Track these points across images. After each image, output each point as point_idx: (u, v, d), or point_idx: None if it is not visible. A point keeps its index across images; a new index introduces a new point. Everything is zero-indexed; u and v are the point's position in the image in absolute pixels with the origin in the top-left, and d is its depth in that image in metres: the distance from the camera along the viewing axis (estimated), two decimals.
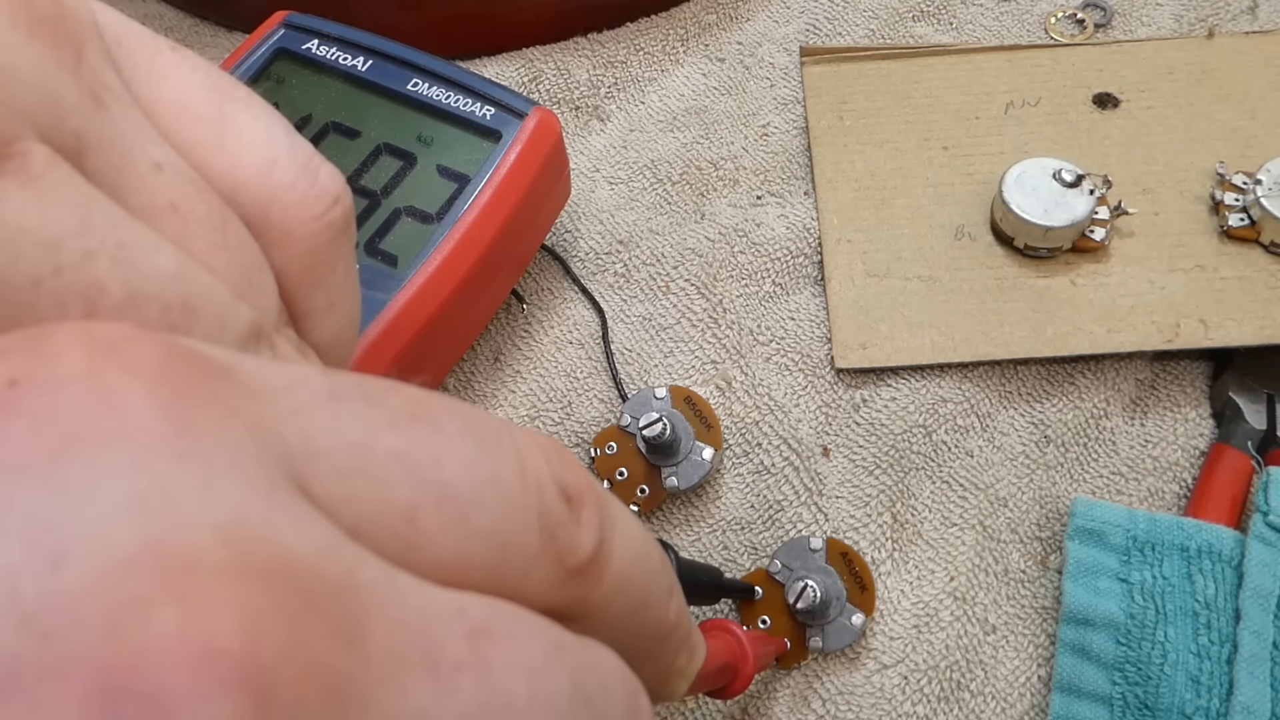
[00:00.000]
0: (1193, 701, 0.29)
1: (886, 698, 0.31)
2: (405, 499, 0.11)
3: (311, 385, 0.11)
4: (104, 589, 0.08)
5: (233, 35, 0.46)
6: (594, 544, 0.13)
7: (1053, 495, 0.34)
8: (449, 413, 0.12)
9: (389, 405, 0.11)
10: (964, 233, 0.39)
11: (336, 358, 0.17)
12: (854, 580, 0.31)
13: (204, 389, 0.10)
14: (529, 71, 0.44)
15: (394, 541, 0.11)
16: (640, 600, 0.14)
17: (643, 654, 0.15)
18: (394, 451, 0.11)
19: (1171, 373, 0.37)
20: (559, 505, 0.12)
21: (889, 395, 0.35)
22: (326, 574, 0.09)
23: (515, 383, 0.37)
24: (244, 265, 0.14)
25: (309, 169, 0.15)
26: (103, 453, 0.09)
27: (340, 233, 0.16)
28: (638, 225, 0.40)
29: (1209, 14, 0.44)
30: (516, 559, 0.12)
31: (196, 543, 0.09)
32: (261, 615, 0.08)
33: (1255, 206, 0.37)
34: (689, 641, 0.17)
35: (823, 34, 0.45)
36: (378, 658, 0.09)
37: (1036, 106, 0.42)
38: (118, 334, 0.10)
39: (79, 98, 0.13)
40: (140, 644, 0.08)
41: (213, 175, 0.15)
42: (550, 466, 0.12)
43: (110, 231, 0.12)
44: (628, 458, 0.34)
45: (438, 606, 0.10)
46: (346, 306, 0.17)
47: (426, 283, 0.32)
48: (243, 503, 0.09)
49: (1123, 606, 0.31)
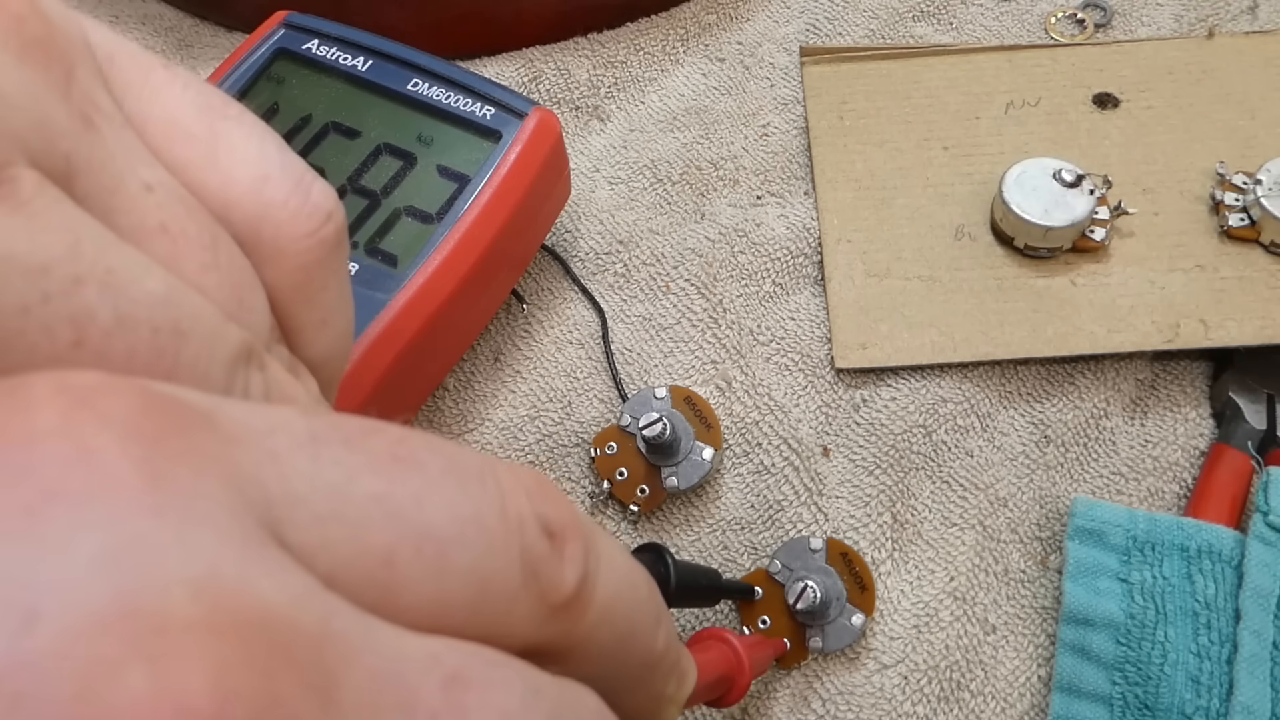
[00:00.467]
0: (1193, 701, 0.29)
1: (887, 698, 0.31)
2: (384, 543, 0.11)
3: (292, 429, 0.11)
4: (75, 649, 0.08)
5: (233, 35, 0.46)
6: (577, 579, 0.13)
7: (1053, 495, 0.34)
8: (431, 452, 0.12)
9: (370, 447, 0.11)
10: (964, 233, 0.39)
11: (330, 372, 0.17)
12: (854, 580, 0.31)
13: (180, 439, 0.10)
14: (529, 71, 0.44)
15: (371, 587, 0.11)
16: (627, 632, 0.14)
17: (631, 684, 0.15)
18: (373, 495, 0.11)
19: (1171, 373, 0.37)
20: (541, 542, 0.12)
21: (889, 395, 0.35)
22: (301, 625, 0.09)
23: (515, 383, 0.37)
24: (235, 284, 0.14)
25: (301, 185, 0.15)
26: (77, 509, 0.09)
27: (333, 249, 0.16)
28: (638, 225, 0.40)
29: (1209, 14, 0.44)
30: (498, 598, 0.12)
31: (169, 599, 0.09)
32: (233, 671, 0.08)
33: (1255, 206, 0.37)
34: (678, 667, 0.17)
35: (823, 34, 0.45)
36: (352, 708, 0.09)
37: (1036, 106, 0.42)
38: (93, 384, 0.10)
39: (69, 120, 0.13)
40: (111, 705, 0.08)
41: (205, 193, 0.14)
42: (532, 502, 0.12)
43: (99, 257, 0.12)
44: (628, 458, 0.34)
45: (413, 654, 0.10)
46: (339, 322, 0.17)
47: (426, 283, 0.32)
48: (216, 555, 0.09)
49: (1123, 606, 0.31)
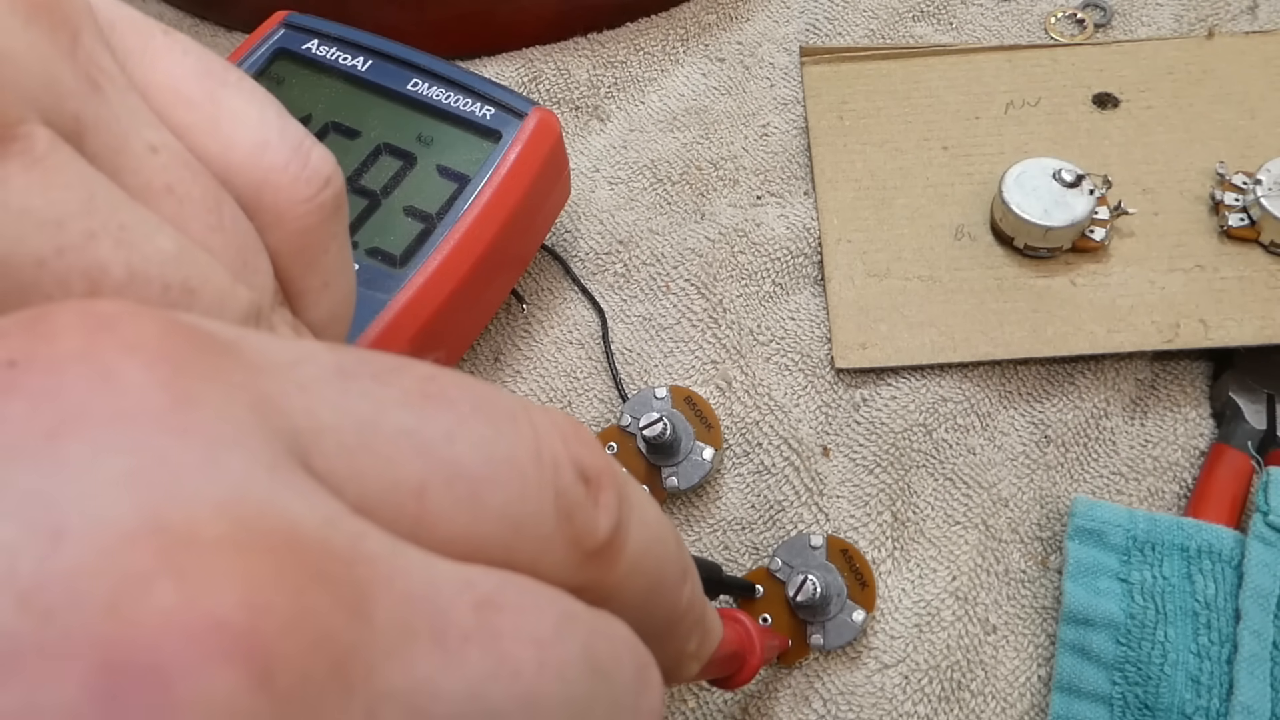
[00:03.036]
0: (1193, 701, 0.29)
1: (887, 697, 0.31)
2: (415, 476, 0.11)
3: (319, 361, 0.11)
4: (103, 565, 0.08)
5: (233, 35, 0.46)
6: (611, 527, 0.13)
7: (1053, 495, 0.34)
8: (462, 390, 0.12)
9: (399, 383, 0.11)
10: (964, 233, 0.39)
11: (333, 336, 0.17)
12: (854, 577, 0.31)
13: (206, 363, 0.10)
14: (529, 71, 0.44)
15: (403, 518, 0.11)
16: (655, 584, 0.14)
17: (654, 636, 0.15)
18: (403, 429, 0.11)
19: (1171, 373, 0.37)
20: (576, 487, 0.12)
21: (889, 395, 0.35)
22: (332, 545, 0.09)
23: (515, 383, 0.37)
24: (240, 247, 0.14)
25: (301, 151, 0.15)
26: (101, 430, 0.09)
27: (332, 213, 0.16)
28: (638, 225, 0.40)
29: (1209, 14, 0.44)
30: (531, 539, 0.12)
31: (197, 516, 0.09)
32: (264, 587, 0.08)
33: (1255, 206, 0.37)
34: (702, 625, 0.17)
35: (823, 34, 0.45)
36: (384, 628, 0.09)
37: (1036, 106, 0.42)
38: (117, 311, 0.10)
39: (76, 81, 0.13)
40: (140, 619, 0.08)
41: (206, 158, 0.15)
42: (568, 447, 0.12)
43: (112, 213, 0.12)
44: (628, 458, 0.34)
45: (445, 578, 0.10)
46: (341, 285, 0.17)
47: (426, 283, 0.32)
48: (245, 476, 0.09)
49: (1123, 606, 0.31)
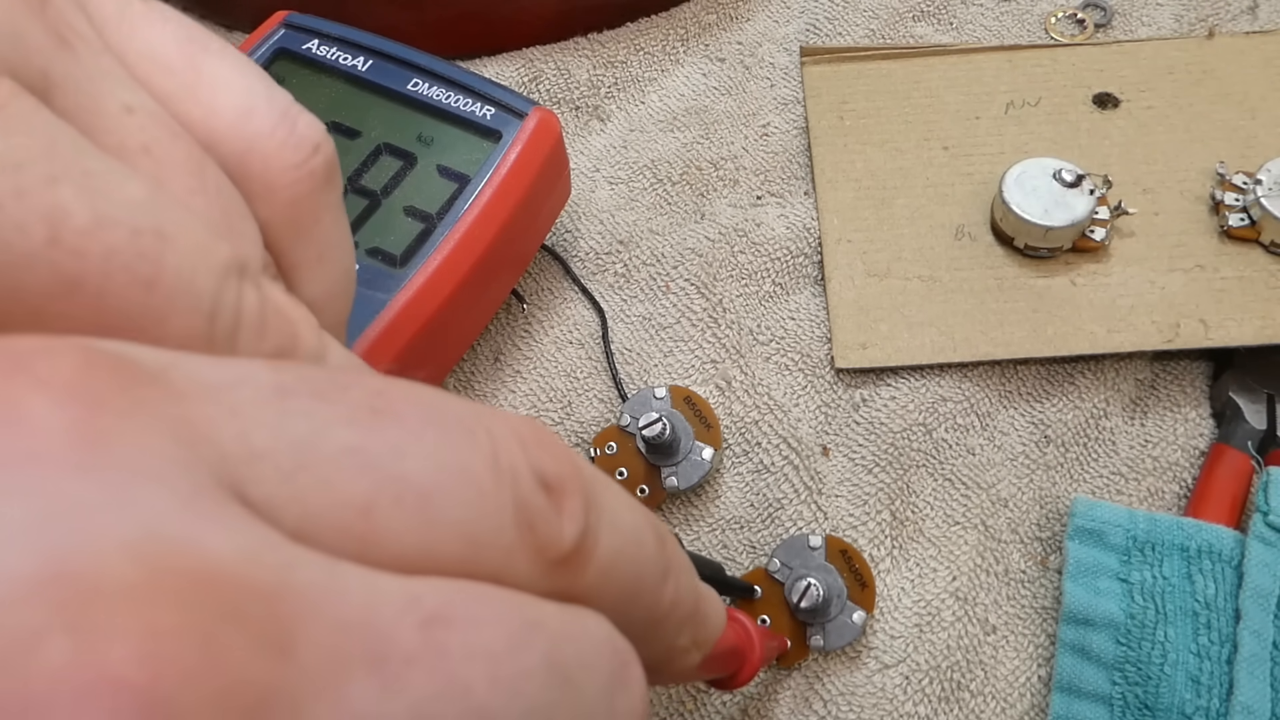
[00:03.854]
0: (1193, 701, 0.29)
1: (888, 698, 0.31)
2: (360, 494, 0.10)
3: (256, 382, 0.10)
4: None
5: (233, 35, 0.46)
6: (576, 534, 0.12)
7: (1053, 495, 0.34)
8: (413, 402, 0.11)
9: (345, 399, 0.11)
10: (964, 233, 0.39)
11: (333, 313, 0.17)
12: (854, 577, 0.31)
13: (125, 396, 0.09)
14: (529, 71, 0.44)
15: (348, 539, 0.10)
16: (631, 588, 0.14)
17: (637, 636, 0.14)
18: (347, 447, 0.10)
19: (1171, 373, 0.37)
20: (536, 495, 0.12)
21: (889, 395, 0.35)
22: (254, 580, 0.09)
23: (515, 383, 0.37)
24: (224, 210, 0.14)
25: (287, 117, 0.15)
26: (3, 474, 0.08)
27: (323, 182, 0.15)
28: (638, 225, 0.40)
29: (1209, 14, 0.44)
30: (490, 552, 0.11)
31: (100, 561, 0.08)
32: (166, 635, 0.08)
33: (1255, 206, 0.37)
34: (694, 619, 0.16)
35: (823, 34, 0.45)
36: (313, 663, 0.09)
37: (1036, 106, 0.42)
38: (31, 348, 0.09)
39: (45, 38, 0.12)
40: (29, 679, 0.08)
41: (189, 126, 0.14)
42: (528, 454, 0.12)
43: (76, 160, 0.12)
44: (628, 458, 0.34)
45: (388, 598, 0.10)
46: (337, 259, 0.16)
47: (426, 283, 0.32)
48: (158, 514, 0.09)
49: (1123, 606, 0.31)
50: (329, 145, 0.15)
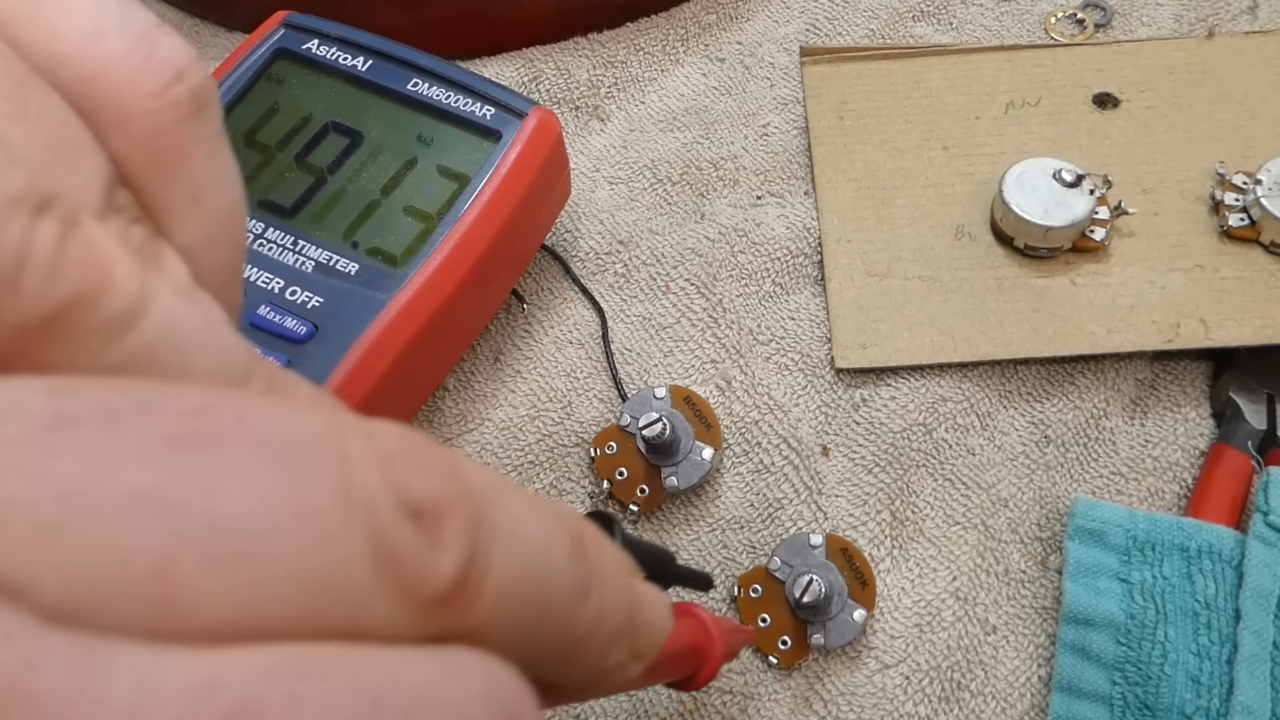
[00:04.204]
0: (1193, 701, 0.29)
1: (888, 698, 0.31)
2: (152, 549, 0.09)
3: (26, 414, 0.09)
4: None
5: (233, 35, 0.46)
6: (456, 566, 0.10)
7: (1053, 495, 0.34)
8: (239, 424, 0.10)
9: (141, 427, 0.09)
10: (964, 233, 0.39)
11: (215, 261, 0.15)
12: (854, 576, 0.31)
13: None
14: (529, 71, 0.44)
15: (137, 609, 0.08)
16: (537, 614, 0.12)
17: (554, 660, 0.13)
18: (135, 490, 0.09)
19: (1171, 373, 0.37)
20: (399, 525, 0.10)
21: (889, 394, 0.35)
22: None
23: (515, 383, 0.37)
24: (50, 138, 0.12)
25: (144, 39, 0.13)
26: None
27: (190, 113, 0.13)
28: (638, 225, 0.40)
29: (1209, 14, 0.44)
30: (337, 605, 0.09)
31: None
32: None
33: (1255, 206, 0.37)
34: (629, 631, 0.14)
35: (823, 34, 0.45)
36: None
37: (1036, 106, 0.42)
38: None
39: None
40: None
41: (30, 51, 0.13)
42: (391, 476, 0.10)
43: None
44: (628, 458, 0.34)
45: (170, 693, 0.08)
46: (215, 201, 0.14)
47: (426, 283, 0.32)
48: None
49: (1123, 606, 0.31)
50: (197, 72, 0.14)
